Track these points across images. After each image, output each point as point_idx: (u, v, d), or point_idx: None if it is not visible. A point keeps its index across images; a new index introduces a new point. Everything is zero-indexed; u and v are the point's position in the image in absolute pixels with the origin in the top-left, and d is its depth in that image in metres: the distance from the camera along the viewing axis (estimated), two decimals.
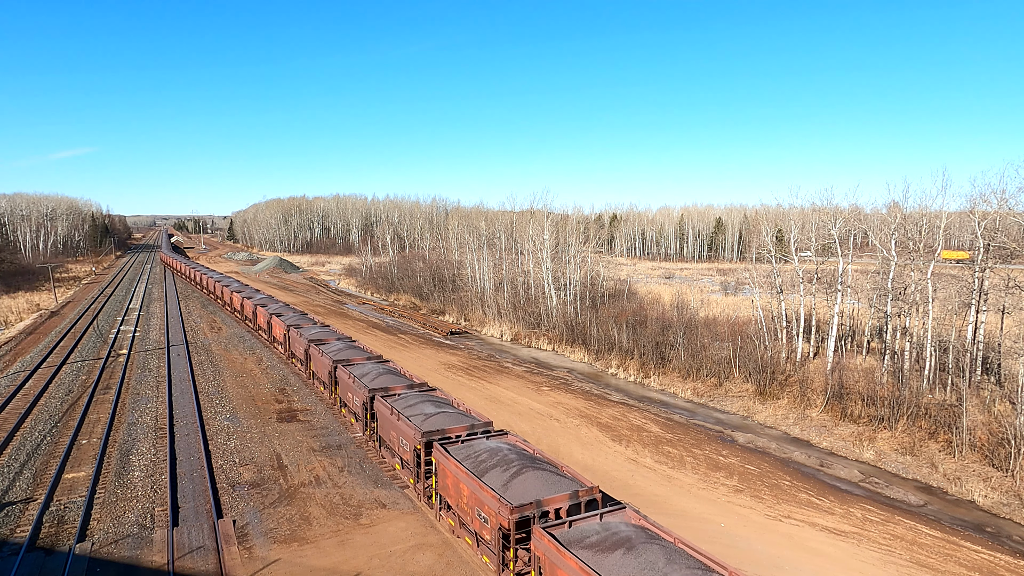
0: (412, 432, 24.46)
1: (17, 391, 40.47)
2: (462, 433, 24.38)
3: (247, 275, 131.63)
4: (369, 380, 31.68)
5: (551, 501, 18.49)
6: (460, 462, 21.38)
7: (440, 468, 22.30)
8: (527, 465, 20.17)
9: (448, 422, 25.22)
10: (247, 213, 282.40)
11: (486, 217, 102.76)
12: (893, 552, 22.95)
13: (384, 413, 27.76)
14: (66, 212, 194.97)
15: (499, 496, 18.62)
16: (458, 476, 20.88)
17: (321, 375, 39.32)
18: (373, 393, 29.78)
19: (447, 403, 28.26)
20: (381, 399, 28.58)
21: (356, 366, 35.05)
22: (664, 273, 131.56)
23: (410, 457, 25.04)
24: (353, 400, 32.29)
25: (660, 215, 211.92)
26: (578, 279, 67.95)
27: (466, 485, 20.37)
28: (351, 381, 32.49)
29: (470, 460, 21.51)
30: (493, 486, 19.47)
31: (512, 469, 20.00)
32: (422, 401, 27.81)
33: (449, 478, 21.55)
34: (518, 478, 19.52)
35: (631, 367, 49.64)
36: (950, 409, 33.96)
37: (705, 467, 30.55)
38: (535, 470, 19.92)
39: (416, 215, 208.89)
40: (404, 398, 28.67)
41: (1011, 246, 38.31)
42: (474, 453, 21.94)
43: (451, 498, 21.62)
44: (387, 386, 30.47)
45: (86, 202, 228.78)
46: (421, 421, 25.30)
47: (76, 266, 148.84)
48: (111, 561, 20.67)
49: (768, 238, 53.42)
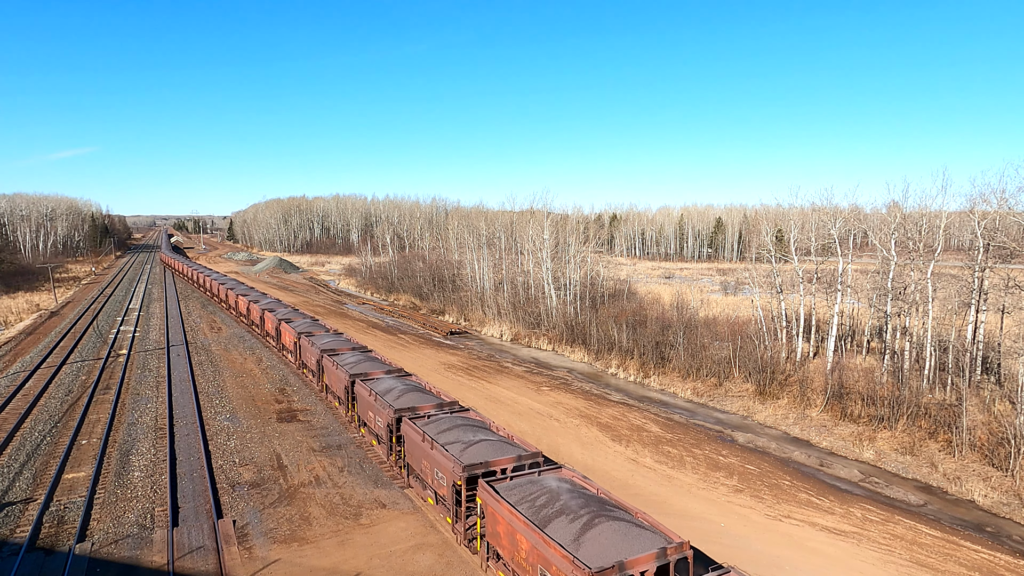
0: (451, 465, 21.45)
1: (17, 391, 40.46)
2: (508, 466, 21.38)
3: (247, 275, 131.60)
4: (394, 398, 28.58)
5: (638, 563, 15.47)
6: (515, 507, 18.30)
7: (489, 512, 19.36)
8: (598, 513, 17.29)
9: (491, 452, 22.05)
10: (247, 213, 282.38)
11: (486, 217, 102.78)
12: (893, 552, 22.95)
13: (414, 439, 24.61)
14: (66, 212, 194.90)
15: (572, 557, 15.53)
16: (513, 524, 17.88)
17: (338, 392, 35.53)
18: (400, 414, 26.90)
19: (484, 427, 25.17)
20: (410, 421, 25.66)
21: (377, 381, 31.87)
22: (664, 273, 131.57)
23: (448, 493, 22.03)
24: (375, 421, 29.06)
25: (660, 215, 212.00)
26: (578, 279, 67.95)
27: (526, 538, 17.27)
28: (373, 399, 29.20)
29: (527, 505, 18.42)
30: (563, 543, 16.30)
31: (581, 520, 16.98)
32: (458, 426, 24.44)
33: (501, 525, 18.57)
34: (590, 531, 16.56)
35: (631, 367, 49.63)
36: (950, 409, 33.96)
37: (705, 467, 30.55)
38: (609, 520, 16.91)
39: (416, 215, 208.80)
40: (435, 424, 25.28)
41: (1011, 246, 38.32)
42: (529, 496, 18.84)
43: (504, 549, 18.65)
44: (414, 405, 27.57)
45: (86, 202, 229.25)
46: (460, 451, 22.20)
47: (76, 266, 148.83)
48: (111, 561, 20.67)
49: (768, 238, 53.41)
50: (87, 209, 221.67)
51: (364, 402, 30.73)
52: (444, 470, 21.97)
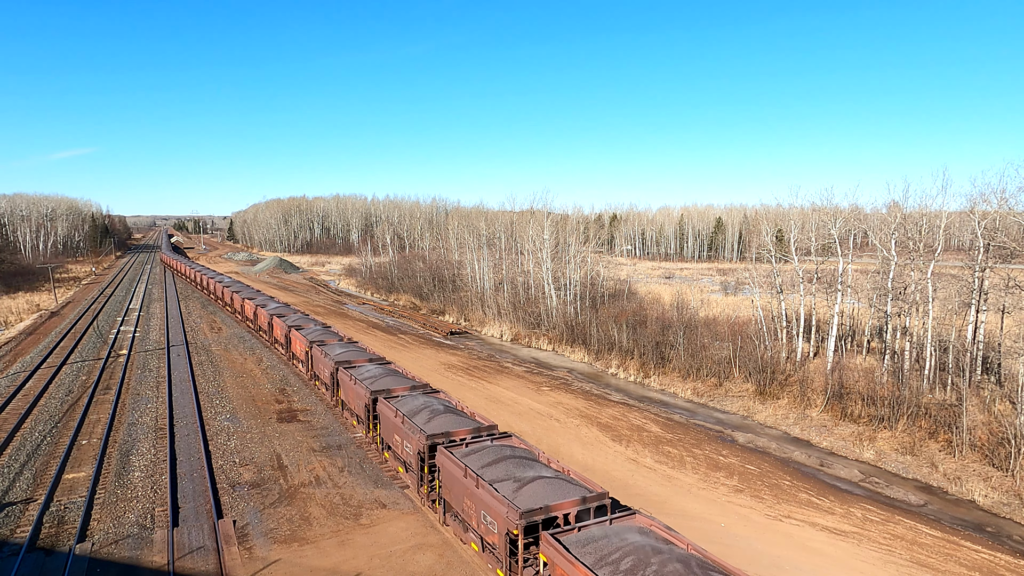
0: (504, 509, 18.26)
1: (17, 391, 40.46)
2: (572, 511, 18.13)
3: (247, 275, 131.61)
4: (424, 421, 25.49)
5: None
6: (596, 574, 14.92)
7: None
8: None
9: (551, 493, 18.56)
10: (247, 213, 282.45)
11: (486, 217, 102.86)
12: (893, 552, 22.95)
13: (454, 472, 21.54)
14: (66, 212, 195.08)
15: None
16: None
17: (356, 409, 32.24)
18: (433, 440, 23.89)
19: (533, 458, 21.62)
20: (446, 451, 22.63)
21: (402, 400, 28.35)
22: (664, 273, 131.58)
23: (499, 541, 18.83)
24: (403, 447, 25.75)
25: (660, 215, 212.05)
26: (578, 279, 67.97)
27: None
28: (399, 421, 26.11)
29: (608, 569, 14.99)
30: None
31: None
32: (505, 458, 21.28)
33: None
34: None
35: (631, 367, 49.64)
36: (950, 409, 33.97)
37: (705, 467, 30.55)
38: None
39: (416, 215, 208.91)
40: (476, 455, 22.08)
41: (1011, 246, 38.33)
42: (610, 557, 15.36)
43: None
44: (449, 430, 24.54)
45: (86, 202, 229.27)
46: (513, 492, 18.95)
47: (76, 266, 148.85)
48: (111, 561, 20.66)
49: (768, 238, 53.42)
50: (87, 209, 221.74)
51: (389, 424, 27.47)
52: (495, 514, 18.76)
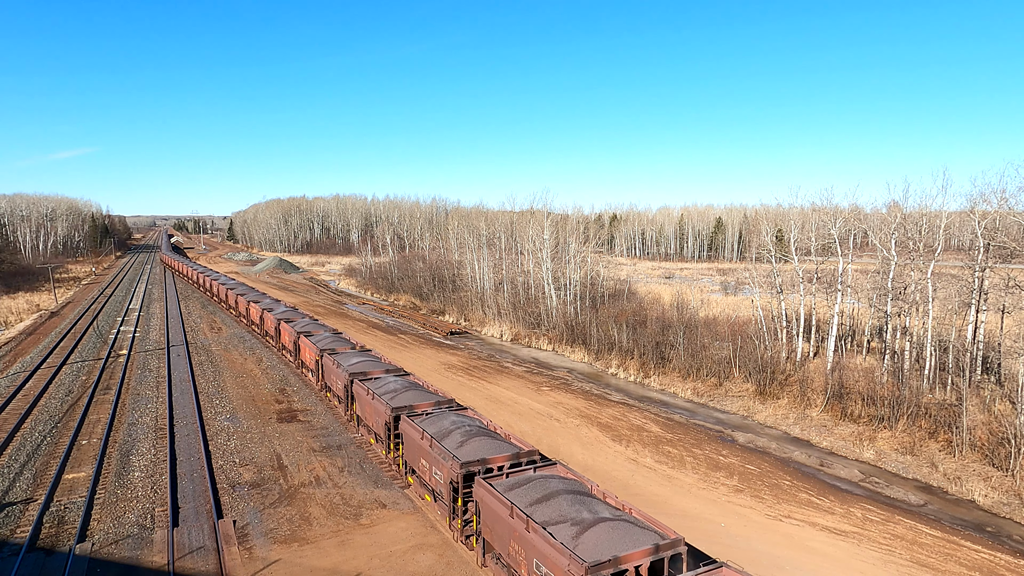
0: (566, 562, 16.00)
1: (17, 391, 40.46)
2: (644, 562, 15.82)
3: (247, 275, 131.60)
4: (456, 446, 23.43)
5: None
6: None
7: None
8: None
9: (619, 540, 16.23)
10: (247, 213, 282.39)
11: (486, 217, 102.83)
12: (893, 552, 22.95)
13: (497, 511, 19.08)
14: (66, 212, 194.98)
15: None
16: None
17: (375, 427, 29.94)
18: (468, 469, 21.76)
19: (587, 492, 19.23)
20: (487, 484, 20.55)
21: (429, 419, 26.09)
22: (664, 273, 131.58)
23: None
24: (432, 474, 23.80)
25: (660, 215, 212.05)
26: (578, 279, 67.96)
27: None
28: (427, 444, 23.97)
29: None
30: None
31: None
32: (558, 494, 18.66)
33: None
34: None
35: (631, 367, 49.64)
36: (950, 409, 33.97)
37: (705, 467, 30.55)
38: None
39: (416, 215, 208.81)
40: (522, 488, 19.68)
41: (1011, 246, 38.34)
42: None
43: None
44: (485, 456, 22.30)
45: (86, 202, 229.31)
46: (573, 538, 16.47)
47: (76, 266, 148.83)
48: (111, 561, 20.67)
49: (768, 238, 53.42)
50: (87, 209, 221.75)
51: (414, 446, 24.97)
52: (551, 566, 16.29)
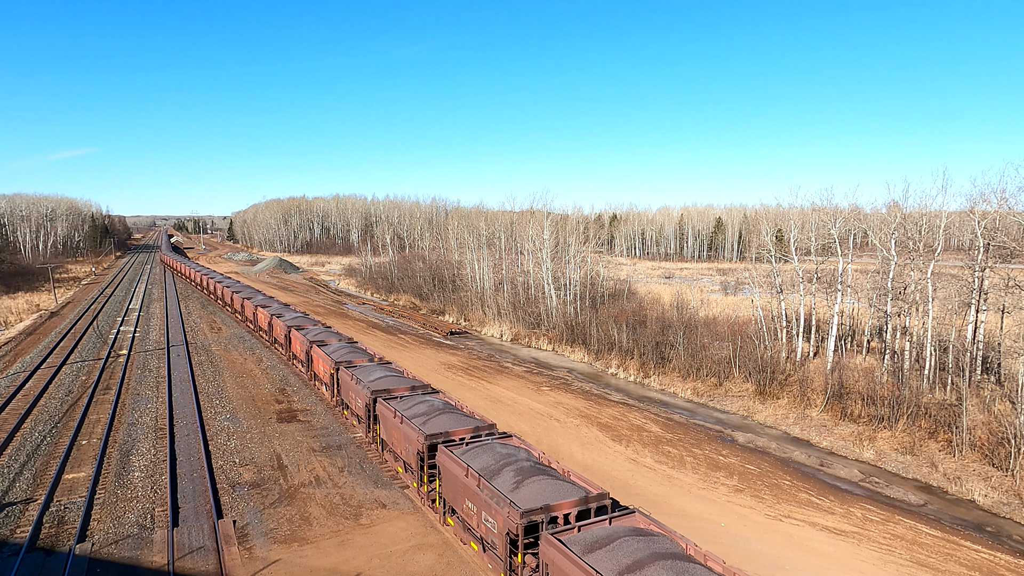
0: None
1: (17, 391, 40.45)
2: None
3: (247, 275, 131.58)
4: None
5: None
6: None
7: None
8: None
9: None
10: (247, 213, 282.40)
11: (486, 217, 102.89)
12: (893, 552, 22.95)
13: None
14: (66, 212, 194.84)
15: None
16: None
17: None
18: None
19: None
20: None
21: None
22: (664, 273, 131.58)
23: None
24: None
25: (660, 215, 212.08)
26: (578, 279, 67.96)
27: None
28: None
29: None
30: None
31: None
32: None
33: None
34: None
35: (631, 367, 49.64)
36: (950, 409, 33.97)
37: (705, 467, 30.55)
38: None
39: (416, 215, 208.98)
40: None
41: (1011, 245, 38.34)
42: None
43: None
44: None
45: (86, 202, 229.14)
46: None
47: (76, 267, 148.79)
48: (111, 561, 20.67)
49: (768, 238, 53.42)
50: (87, 209, 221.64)
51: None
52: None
